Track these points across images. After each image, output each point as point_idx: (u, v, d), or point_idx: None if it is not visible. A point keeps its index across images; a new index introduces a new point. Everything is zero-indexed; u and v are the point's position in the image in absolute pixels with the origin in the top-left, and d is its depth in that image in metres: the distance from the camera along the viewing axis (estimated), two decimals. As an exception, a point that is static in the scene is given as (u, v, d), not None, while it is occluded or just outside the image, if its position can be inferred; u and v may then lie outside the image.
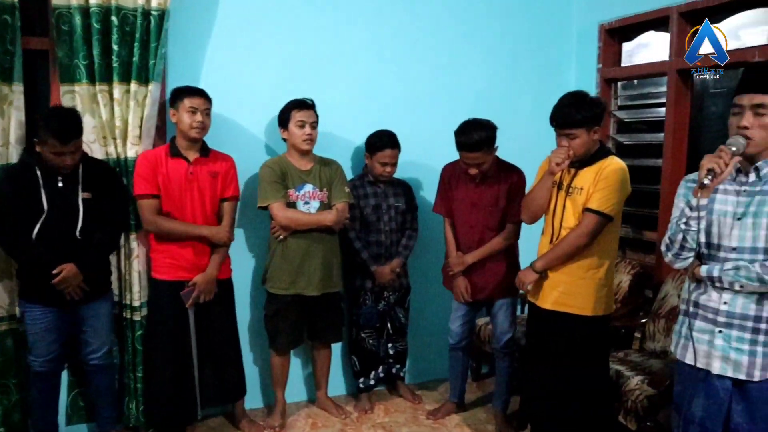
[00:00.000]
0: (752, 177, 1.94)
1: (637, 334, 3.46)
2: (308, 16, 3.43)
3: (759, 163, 1.93)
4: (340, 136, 3.56)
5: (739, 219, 1.93)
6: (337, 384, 3.74)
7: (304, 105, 3.18)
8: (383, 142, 3.35)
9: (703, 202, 1.90)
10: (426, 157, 3.64)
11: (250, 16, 3.31)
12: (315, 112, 3.20)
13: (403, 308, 3.63)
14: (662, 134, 3.58)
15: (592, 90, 3.94)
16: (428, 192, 3.54)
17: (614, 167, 2.60)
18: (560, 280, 2.70)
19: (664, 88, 3.60)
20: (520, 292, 3.08)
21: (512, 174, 3.19)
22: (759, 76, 1.90)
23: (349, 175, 3.50)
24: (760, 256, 1.89)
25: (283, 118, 3.19)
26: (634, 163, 3.83)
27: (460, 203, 3.23)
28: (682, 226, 1.95)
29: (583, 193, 2.62)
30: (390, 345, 3.65)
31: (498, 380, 3.36)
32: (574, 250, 2.63)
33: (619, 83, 4.00)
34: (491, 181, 3.16)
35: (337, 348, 3.65)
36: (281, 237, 3.16)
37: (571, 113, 2.55)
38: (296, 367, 3.62)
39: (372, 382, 3.61)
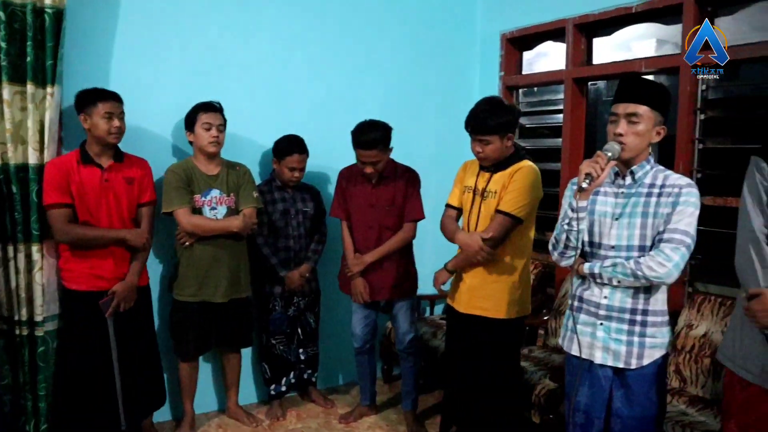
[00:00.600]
0: (628, 180, 2.09)
1: (541, 331, 3.60)
2: (215, 18, 3.39)
3: (633, 167, 2.07)
4: (248, 140, 3.53)
5: (616, 219, 2.07)
6: (248, 392, 3.70)
7: (211, 108, 3.14)
8: (291, 147, 3.34)
9: (583, 204, 2.02)
10: (333, 162, 3.65)
11: (154, 17, 3.23)
12: (222, 115, 3.17)
13: (313, 313, 3.63)
14: (560, 139, 3.75)
15: (496, 96, 4.10)
16: (337, 196, 3.55)
17: (525, 170, 2.68)
18: (475, 283, 2.76)
19: (561, 96, 3.77)
20: (418, 293, 3.14)
21: (407, 174, 3.27)
22: (632, 87, 2.04)
23: (258, 180, 3.47)
24: (635, 253, 2.02)
25: (190, 121, 3.13)
26: (536, 167, 4.00)
27: (358, 205, 3.27)
28: (566, 227, 2.06)
29: (497, 196, 2.69)
30: (301, 350, 3.64)
31: (404, 380, 3.41)
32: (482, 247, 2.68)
33: (521, 90, 4.16)
34: (388, 182, 3.23)
35: (247, 356, 3.60)
36: (187, 243, 3.10)
37: (486, 120, 2.60)
38: (206, 376, 3.55)
39: (283, 388, 3.58)
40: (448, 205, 2.90)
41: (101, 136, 2.81)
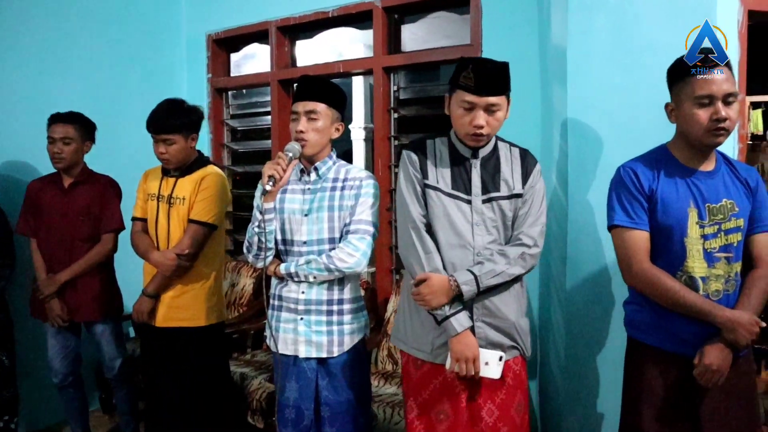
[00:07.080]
0: (313, 176, 2.16)
1: (266, 334, 3.56)
2: None
3: (317, 164, 2.15)
4: None
5: (306, 215, 2.12)
6: None
7: None
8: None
9: (269, 205, 2.05)
10: (17, 173, 3.22)
11: None
12: None
13: (5, 349, 3.13)
14: (270, 141, 3.77)
15: (204, 99, 3.98)
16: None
17: (213, 177, 2.64)
18: (169, 295, 2.62)
19: (269, 98, 3.79)
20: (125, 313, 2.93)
21: (103, 182, 3.02)
22: (310, 86, 2.12)
23: None
24: (326, 246, 2.09)
25: None
26: (248, 169, 3.99)
27: (47, 216, 2.93)
28: (256, 229, 2.07)
29: (186, 202, 2.60)
30: (-7, 395, 3.12)
31: (120, 409, 3.13)
32: (180, 264, 2.58)
33: (230, 92, 4.10)
34: (81, 189, 2.96)
35: None
36: None
37: (168, 119, 2.53)
38: None
39: (-29, 443, 3.05)
40: (134, 219, 2.74)
41: None
